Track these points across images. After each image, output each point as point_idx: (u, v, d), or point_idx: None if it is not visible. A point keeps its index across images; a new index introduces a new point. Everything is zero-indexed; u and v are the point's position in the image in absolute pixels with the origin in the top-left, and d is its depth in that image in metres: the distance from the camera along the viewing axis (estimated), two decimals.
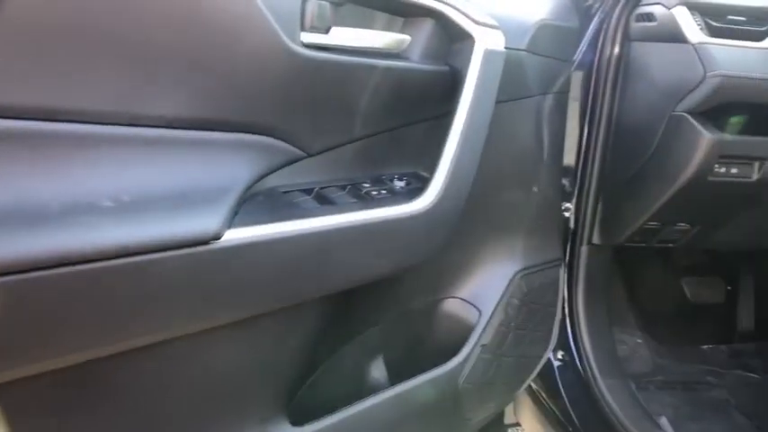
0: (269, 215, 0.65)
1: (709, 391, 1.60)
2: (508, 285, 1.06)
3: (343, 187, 0.78)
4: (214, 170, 0.63)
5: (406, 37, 0.79)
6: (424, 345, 1.03)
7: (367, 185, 0.80)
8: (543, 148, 1.10)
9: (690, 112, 1.13)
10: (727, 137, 1.13)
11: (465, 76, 0.83)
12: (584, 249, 1.40)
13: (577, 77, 1.29)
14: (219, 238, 0.59)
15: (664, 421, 1.33)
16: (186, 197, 0.60)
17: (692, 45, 1.10)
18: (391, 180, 0.84)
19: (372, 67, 0.75)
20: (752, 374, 1.70)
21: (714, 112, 1.13)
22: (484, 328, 1.03)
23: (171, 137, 0.60)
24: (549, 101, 1.08)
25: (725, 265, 1.79)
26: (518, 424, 1.57)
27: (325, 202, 0.74)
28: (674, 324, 1.78)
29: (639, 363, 1.66)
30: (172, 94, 0.59)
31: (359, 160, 0.83)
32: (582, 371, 1.34)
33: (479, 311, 1.04)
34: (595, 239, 1.39)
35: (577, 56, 1.28)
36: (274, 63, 0.65)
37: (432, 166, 0.82)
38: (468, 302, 1.04)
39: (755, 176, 1.17)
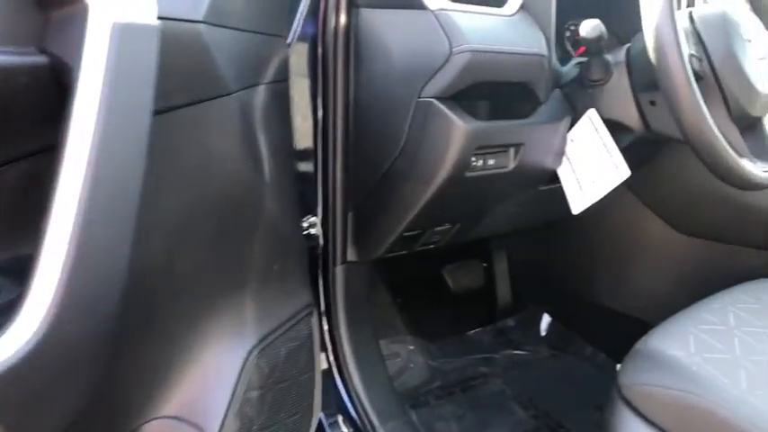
0: None
1: (486, 384, 1.52)
2: (240, 375, 0.72)
3: None
4: None
5: None
6: None
7: None
8: (262, 163, 0.77)
9: (438, 98, 0.90)
10: (482, 124, 0.93)
11: (77, 71, 0.43)
12: (339, 270, 1.13)
13: (302, 56, 0.98)
14: None
15: None
16: None
17: (432, 12, 0.87)
18: None
19: None
20: (517, 351, 1.68)
21: (464, 95, 0.92)
22: None
23: None
24: (260, 96, 0.75)
25: (479, 246, 1.71)
26: None
27: None
28: (440, 319, 1.66)
29: (415, 373, 1.50)
30: None
31: None
32: (360, 424, 1.08)
33: (201, 431, 0.68)
34: (351, 256, 1.13)
35: (296, 27, 0.96)
36: None
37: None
38: (183, 420, 0.67)
39: (512, 165, 1.01)
